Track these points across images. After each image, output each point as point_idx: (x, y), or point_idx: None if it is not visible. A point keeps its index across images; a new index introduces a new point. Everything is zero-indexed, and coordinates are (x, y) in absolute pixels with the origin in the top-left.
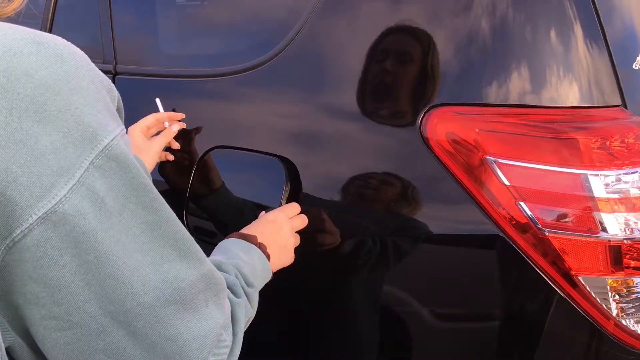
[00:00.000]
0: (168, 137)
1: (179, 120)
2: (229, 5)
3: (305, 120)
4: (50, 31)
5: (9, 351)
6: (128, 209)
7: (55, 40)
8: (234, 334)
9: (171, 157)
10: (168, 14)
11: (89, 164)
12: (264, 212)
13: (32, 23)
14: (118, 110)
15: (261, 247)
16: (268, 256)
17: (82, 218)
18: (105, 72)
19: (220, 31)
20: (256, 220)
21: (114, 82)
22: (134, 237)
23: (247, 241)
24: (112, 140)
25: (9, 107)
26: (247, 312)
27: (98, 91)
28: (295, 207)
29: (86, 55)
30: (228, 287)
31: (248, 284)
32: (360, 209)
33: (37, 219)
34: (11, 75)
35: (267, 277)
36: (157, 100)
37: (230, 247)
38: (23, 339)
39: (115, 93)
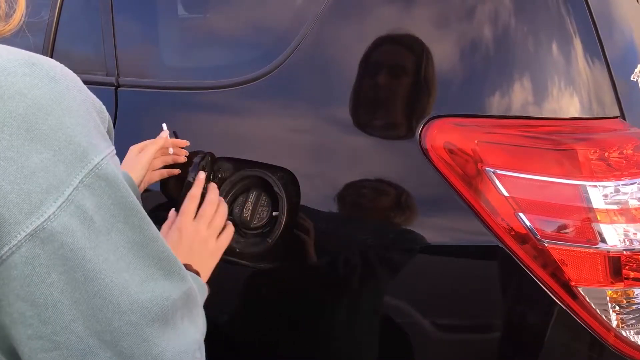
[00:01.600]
0: (156, 149)
1: (182, 148)
2: (229, 18)
3: (307, 131)
4: (53, 44)
5: None
6: (116, 228)
7: (48, 62)
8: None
9: (176, 172)
10: (170, 26)
11: (79, 183)
12: (173, 210)
13: (36, 33)
14: (108, 131)
15: (188, 268)
16: (197, 272)
17: (71, 236)
18: (107, 84)
19: (222, 43)
20: (166, 237)
21: (115, 94)
22: (121, 256)
23: None
24: (102, 160)
25: (1, 125)
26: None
27: (89, 112)
28: (192, 200)
29: (78, 77)
30: None
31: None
32: (361, 220)
33: (26, 235)
34: (4, 94)
35: (205, 291)
36: (164, 126)
37: None
38: (8, 358)
39: (106, 115)
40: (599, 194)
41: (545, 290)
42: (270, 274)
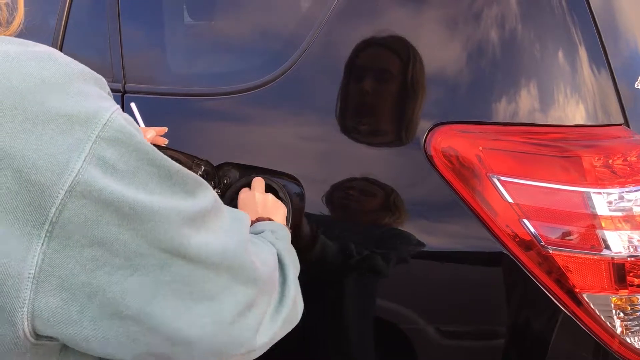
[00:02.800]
0: None
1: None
2: (235, 25)
3: (312, 136)
4: (60, 50)
5: (67, 343)
6: (142, 169)
7: (44, 47)
8: (281, 261)
9: None
10: (177, 33)
11: (96, 137)
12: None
13: (43, 39)
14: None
15: (259, 219)
16: (268, 219)
17: (103, 182)
18: (114, 90)
19: (228, 50)
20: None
21: (122, 100)
22: (152, 190)
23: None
24: (111, 115)
25: (14, 103)
26: (280, 243)
27: (88, 82)
28: (260, 180)
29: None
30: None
31: (277, 238)
32: (366, 226)
33: (65, 192)
34: (12, 75)
35: (284, 229)
36: (133, 105)
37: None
38: (94, 328)
39: (103, 82)
40: (603, 200)
41: (550, 296)
42: None
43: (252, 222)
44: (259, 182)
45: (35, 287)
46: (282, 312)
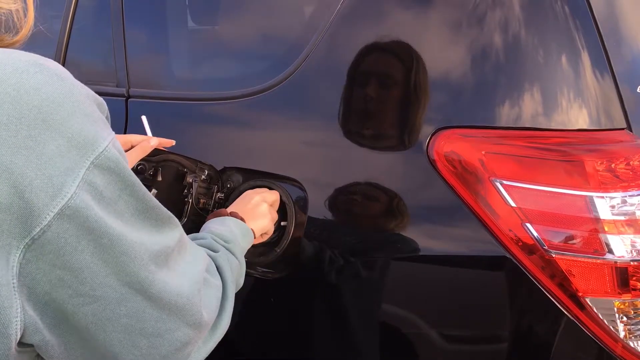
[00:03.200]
0: (144, 151)
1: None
2: (239, 30)
3: (316, 141)
4: (65, 55)
5: (37, 350)
6: (122, 199)
7: (52, 63)
8: (222, 279)
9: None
10: (180, 38)
11: (90, 164)
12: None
13: (48, 45)
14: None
15: (232, 214)
16: (242, 219)
17: (91, 209)
18: (118, 95)
19: (232, 54)
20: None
21: (126, 105)
22: (128, 221)
23: (219, 216)
24: (107, 145)
25: (19, 116)
26: (231, 261)
27: (91, 104)
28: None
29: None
30: (205, 247)
31: (226, 241)
32: (369, 230)
33: (54, 215)
34: (21, 88)
35: (249, 235)
36: (143, 118)
37: (206, 226)
38: (52, 336)
39: (105, 107)
40: (606, 204)
41: (553, 300)
42: (278, 283)
43: (223, 214)
44: (271, 194)
45: (20, 296)
46: (210, 342)
